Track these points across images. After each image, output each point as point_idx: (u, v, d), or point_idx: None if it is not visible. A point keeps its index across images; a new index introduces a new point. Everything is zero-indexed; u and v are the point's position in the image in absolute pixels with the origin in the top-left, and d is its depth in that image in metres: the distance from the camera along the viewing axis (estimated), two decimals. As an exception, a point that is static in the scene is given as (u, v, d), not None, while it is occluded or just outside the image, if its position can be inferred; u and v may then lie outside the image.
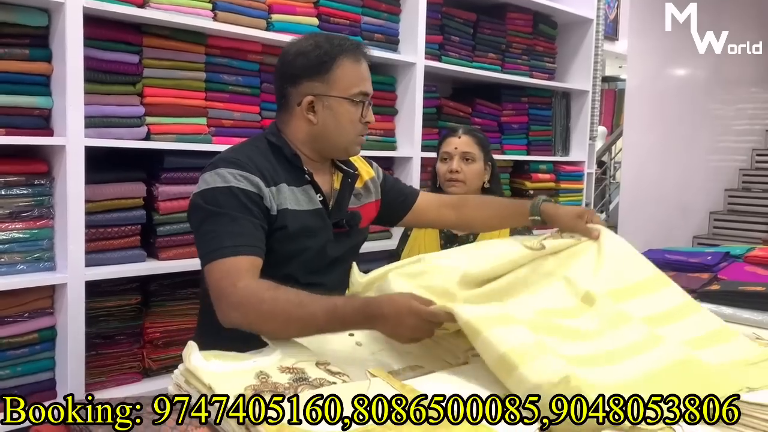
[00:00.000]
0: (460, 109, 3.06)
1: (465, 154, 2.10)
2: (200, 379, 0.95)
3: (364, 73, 1.46)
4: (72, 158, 1.79)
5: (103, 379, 1.99)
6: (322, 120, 1.44)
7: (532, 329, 1.05)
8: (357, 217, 1.56)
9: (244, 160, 1.37)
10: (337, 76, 1.42)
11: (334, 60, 1.41)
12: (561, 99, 3.58)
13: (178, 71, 2.06)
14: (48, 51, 1.80)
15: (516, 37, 3.25)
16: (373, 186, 1.66)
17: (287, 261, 1.41)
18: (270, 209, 1.37)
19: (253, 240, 1.29)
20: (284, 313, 1.16)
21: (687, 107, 4.67)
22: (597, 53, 3.69)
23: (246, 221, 1.30)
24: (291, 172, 1.44)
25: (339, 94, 1.42)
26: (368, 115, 1.47)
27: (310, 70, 1.42)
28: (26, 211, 1.79)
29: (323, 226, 1.47)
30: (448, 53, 2.91)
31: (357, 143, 1.50)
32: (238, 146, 1.47)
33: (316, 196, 1.47)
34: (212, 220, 1.30)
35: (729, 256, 2.20)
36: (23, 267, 1.79)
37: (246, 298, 1.19)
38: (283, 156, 1.45)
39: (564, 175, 3.55)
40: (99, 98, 1.90)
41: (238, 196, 1.31)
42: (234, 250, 1.25)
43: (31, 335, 1.81)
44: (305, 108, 1.43)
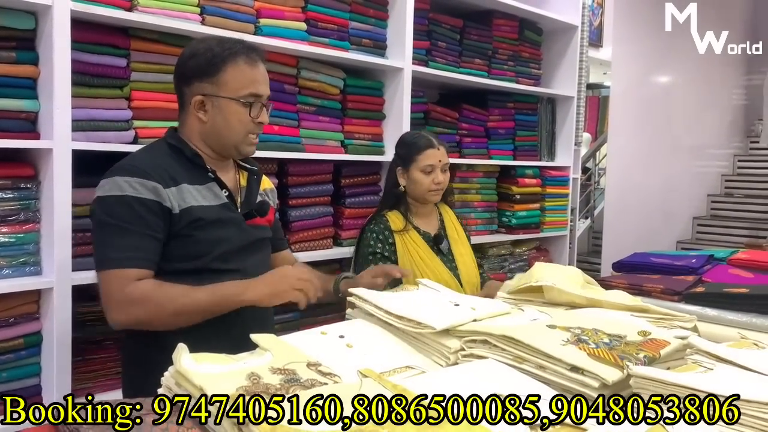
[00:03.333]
0: (447, 114, 3.08)
1: (444, 165, 2.17)
2: (191, 381, 0.95)
3: (257, 75, 1.52)
4: (59, 161, 1.78)
5: (90, 385, 1.97)
6: (211, 119, 1.51)
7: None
8: (266, 204, 1.67)
9: (141, 166, 1.43)
10: (226, 77, 1.49)
11: (224, 62, 1.49)
12: (547, 105, 3.61)
13: (166, 75, 2.05)
14: (35, 54, 1.80)
15: (502, 43, 3.28)
16: (272, 196, 1.77)
17: (203, 252, 1.48)
18: (172, 209, 1.43)
19: (139, 252, 1.37)
20: (171, 302, 1.30)
21: (670, 114, 4.74)
22: (582, 59, 3.74)
23: (135, 233, 1.37)
24: (193, 171, 1.51)
25: (227, 94, 1.49)
26: (261, 116, 1.54)
27: (200, 71, 1.49)
28: (12, 215, 1.78)
29: (234, 217, 1.55)
30: (435, 59, 2.92)
31: (248, 143, 1.56)
32: (136, 152, 1.55)
33: (222, 192, 1.54)
34: (103, 230, 1.38)
35: (713, 259, 2.24)
36: (9, 271, 1.77)
37: (134, 297, 1.31)
38: (184, 156, 1.51)
39: (550, 180, 3.58)
40: (86, 101, 1.89)
41: (132, 205, 1.38)
42: (119, 262, 1.34)
43: (16, 341, 1.79)
44: (195, 107, 1.51)
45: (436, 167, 2.14)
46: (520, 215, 3.41)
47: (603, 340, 1.21)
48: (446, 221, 2.29)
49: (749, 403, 0.91)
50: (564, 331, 1.26)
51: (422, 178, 2.14)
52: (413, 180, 2.16)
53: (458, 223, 2.34)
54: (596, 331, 1.27)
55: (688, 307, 1.73)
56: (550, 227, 3.62)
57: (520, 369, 1.16)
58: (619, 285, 1.97)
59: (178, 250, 1.46)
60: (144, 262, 1.37)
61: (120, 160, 1.99)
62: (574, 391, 1.08)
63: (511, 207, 3.39)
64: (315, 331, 1.35)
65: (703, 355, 1.24)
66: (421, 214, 2.23)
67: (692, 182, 5.13)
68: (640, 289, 1.91)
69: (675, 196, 4.94)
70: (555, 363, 1.12)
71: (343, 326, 1.41)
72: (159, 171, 1.44)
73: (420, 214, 2.22)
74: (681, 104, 4.79)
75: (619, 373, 1.06)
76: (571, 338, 1.22)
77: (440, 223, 2.27)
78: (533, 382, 1.11)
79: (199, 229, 1.46)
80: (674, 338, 1.25)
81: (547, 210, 3.59)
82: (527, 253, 3.60)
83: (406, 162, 2.17)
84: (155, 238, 1.40)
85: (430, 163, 2.14)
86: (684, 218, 5.09)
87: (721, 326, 1.64)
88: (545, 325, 1.31)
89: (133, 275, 1.35)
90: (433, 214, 2.28)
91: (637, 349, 1.17)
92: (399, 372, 1.19)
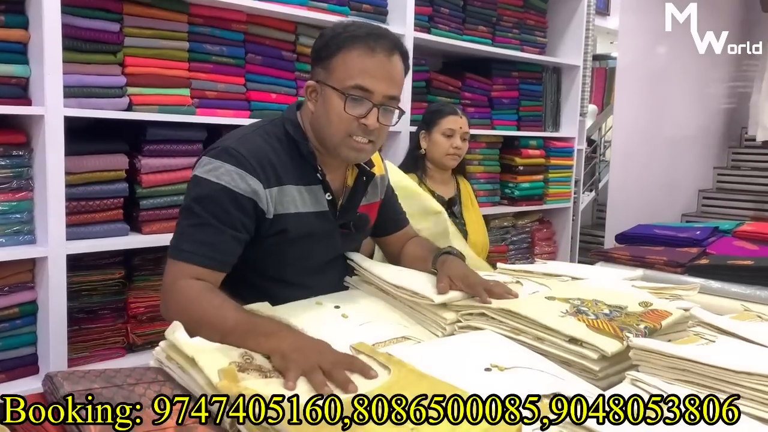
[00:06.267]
0: (449, 83, 3.02)
1: (464, 134, 2.36)
2: (183, 352, 0.93)
3: (371, 66, 1.29)
4: (51, 129, 1.74)
5: (87, 354, 1.96)
6: (317, 109, 1.35)
7: None
8: (365, 219, 1.50)
9: (248, 156, 1.28)
10: (336, 64, 1.30)
11: (339, 47, 1.30)
12: (552, 74, 3.55)
13: (160, 40, 2.01)
14: (24, 17, 1.75)
15: (506, 10, 3.21)
16: (381, 184, 1.57)
17: (285, 264, 1.37)
18: (266, 212, 1.30)
19: (212, 251, 1.23)
20: (200, 310, 1.13)
21: (677, 85, 4.65)
22: (588, 28, 3.66)
23: (216, 229, 1.23)
24: (302, 168, 1.36)
25: (333, 83, 1.30)
26: (369, 117, 1.30)
27: (317, 54, 1.35)
28: (4, 183, 1.75)
29: (328, 229, 1.41)
30: (438, 25, 2.86)
31: (349, 146, 1.33)
32: (250, 133, 1.35)
33: (325, 196, 1.39)
34: (187, 217, 1.26)
35: (718, 231, 2.21)
36: (2, 240, 1.75)
37: (177, 292, 1.19)
38: (298, 151, 1.36)
39: (554, 151, 3.53)
40: (78, 67, 1.85)
41: (223, 198, 1.24)
42: (187, 256, 1.22)
43: (11, 309, 1.78)
44: (308, 93, 1.36)
45: (456, 132, 2.33)
46: (523, 187, 3.37)
47: (603, 311, 1.19)
48: (462, 191, 2.47)
49: (751, 375, 0.89)
50: (563, 303, 1.24)
51: (442, 141, 2.33)
52: (434, 142, 2.35)
53: (473, 196, 2.53)
54: (596, 302, 1.24)
55: (692, 279, 1.71)
56: (553, 199, 3.58)
57: (518, 340, 1.14)
58: (622, 257, 1.95)
59: (259, 254, 1.33)
60: (212, 261, 1.23)
61: (116, 128, 1.95)
62: (572, 363, 1.05)
63: (514, 178, 3.35)
64: (310, 301, 1.33)
65: (705, 327, 1.21)
66: (438, 180, 2.39)
67: (698, 154, 5.07)
68: (643, 261, 1.88)
69: (680, 169, 4.87)
70: (553, 335, 1.10)
71: (339, 296, 1.39)
72: (265, 167, 1.29)
73: (437, 179, 2.39)
74: (688, 75, 4.70)
75: (619, 345, 1.03)
76: (570, 309, 1.19)
77: (456, 191, 2.44)
78: (530, 354, 1.09)
79: (287, 242, 1.34)
80: (676, 309, 1.22)
81: (550, 182, 3.54)
82: (530, 225, 3.57)
83: (429, 125, 2.36)
84: (237, 238, 1.26)
85: (451, 127, 2.32)
86: (689, 191, 5.03)
87: (725, 299, 1.61)
88: (544, 296, 1.29)
89: (194, 273, 1.21)
90: (450, 183, 2.45)
91: (637, 320, 1.15)
92: (395, 342, 1.17)
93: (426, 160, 2.37)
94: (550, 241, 3.70)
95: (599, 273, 1.64)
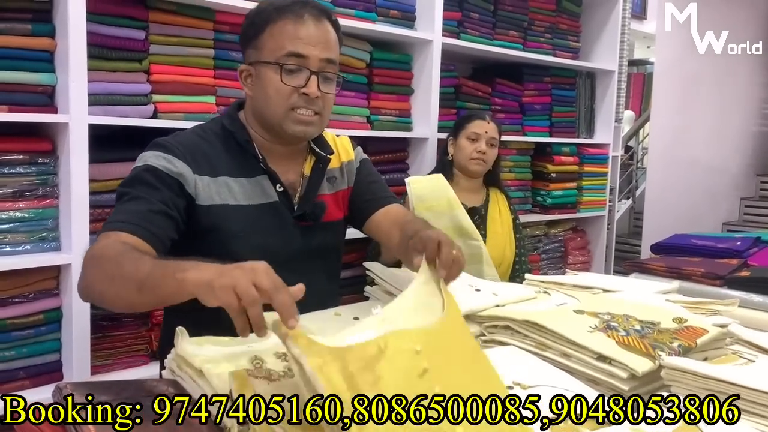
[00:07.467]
0: (479, 89, 2.97)
1: (491, 140, 2.31)
2: (191, 364, 0.91)
3: (302, 32, 1.23)
4: (76, 136, 1.75)
5: (111, 362, 1.96)
6: (255, 92, 1.29)
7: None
8: (320, 207, 1.39)
9: (177, 145, 1.26)
10: (265, 39, 1.25)
11: (266, 21, 1.25)
12: (585, 79, 3.47)
13: (185, 48, 2.01)
14: (51, 26, 1.76)
15: (538, 14, 3.14)
16: (348, 170, 1.48)
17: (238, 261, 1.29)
18: (195, 197, 1.24)
19: (141, 220, 1.14)
20: (115, 264, 1.00)
21: (718, 89, 4.52)
22: (623, 32, 3.58)
23: (144, 202, 1.17)
24: (243, 160, 1.31)
25: (266, 58, 1.24)
26: (309, 86, 1.23)
27: (245, 36, 1.31)
28: (30, 190, 1.76)
29: (278, 223, 1.33)
30: (468, 30, 2.81)
31: (293, 120, 1.27)
32: (186, 130, 1.36)
33: (273, 188, 1.32)
34: (119, 197, 1.22)
35: (760, 242, 2.12)
36: (28, 247, 1.76)
37: (94, 252, 1.07)
38: (235, 142, 1.31)
39: (588, 157, 3.45)
40: (104, 75, 1.86)
41: (149, 177, 1.20)
42: (117, 225, 1.13)
43: (36, 316, 1.79)
44: (242, 79, 1.31)
45: (481, 136, 2.29)
46: (555, 194, 3.29)
47: (634, 327, 1.13)
48: (491, 202, 2.38)
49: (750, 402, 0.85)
50: (592, 317, 1.18)
51: (467, 144, 2.29)
52: (459, 147, 2.32)
53: (507, 209, 2.40)
54: (627, 317, 1.18)
55: (731, 293, 1.63)
56: (587, 207, 3.49)
57: (543, 356, 1.09)
58: (657, 268, 1.87)
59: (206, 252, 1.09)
60: (139, 228, 1.12)
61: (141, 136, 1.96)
62: (600, 381, 1.00)
63: (546, 186, 3.28)
64: (329, 312, 1.30)
65: (744, 345, 1.14)
66: (465, 188, 2.32)
67: (741, 161, 4.90)
68: (679, 273, 1.80)
69: (722, 176, 4.73)
70: (580, 351, 1.04)
71: (359, 307, 1.35)
72: (196, 155, 1.26)
73: (463, 187, 2.32)
74: (729, 79, 4.57)
75: (650, 364, 0.98)
76: (599, 325, 1.13)
77: (484, 203, 2.36)
78: (554, 371, 1.04)
79: (233, 236, 1.26)
80: (712, 326, 1.15)
81: (584, 189, 3.45)
82: (562, 233, 3.49)
83: (456, 131, 2.34)
84: (166, 213, 1.18)
85: (476, 131, 2.29)
86: (731, 198, 4.87)
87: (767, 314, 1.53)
88: (572, 310, 1.23)
89: (126, 238, 1.10)
90: (479, 192, 2.38)
91: (671, 337, 1.08)
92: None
93: (453, 167, 2.35)
94: (584, 251, 3.61)
95: (632, 285, 1.57)
